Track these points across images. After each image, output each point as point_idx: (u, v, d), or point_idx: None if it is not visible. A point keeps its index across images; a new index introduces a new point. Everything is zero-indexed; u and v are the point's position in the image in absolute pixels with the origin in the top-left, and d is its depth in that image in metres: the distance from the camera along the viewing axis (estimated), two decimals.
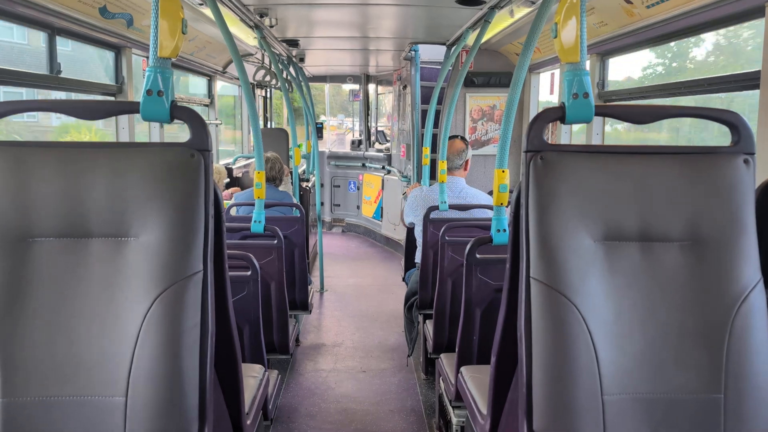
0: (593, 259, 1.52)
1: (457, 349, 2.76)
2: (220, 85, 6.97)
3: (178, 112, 1.61)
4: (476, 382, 2.36)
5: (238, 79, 7.27)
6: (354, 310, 5.97)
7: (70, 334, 1.47)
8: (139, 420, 1.44)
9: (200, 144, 1.56)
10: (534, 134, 1.58)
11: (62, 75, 3.42)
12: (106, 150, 1.57)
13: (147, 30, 3.97)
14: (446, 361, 3.02)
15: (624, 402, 1.49)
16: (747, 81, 2.87)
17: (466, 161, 4.10)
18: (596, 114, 1.64)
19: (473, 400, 2.27)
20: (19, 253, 1.49)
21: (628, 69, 4.28)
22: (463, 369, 2.53)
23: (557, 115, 1.65)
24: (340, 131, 13.19)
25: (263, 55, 6.64)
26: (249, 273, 2.87)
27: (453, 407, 2.79)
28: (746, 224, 1.54)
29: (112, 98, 4.10)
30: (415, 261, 4.34)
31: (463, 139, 4.17)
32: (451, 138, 4.18)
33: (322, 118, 11.59)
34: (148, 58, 4.51)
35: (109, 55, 4.07)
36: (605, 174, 1.56)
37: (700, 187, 1.55)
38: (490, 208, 3.93)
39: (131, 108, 1.64)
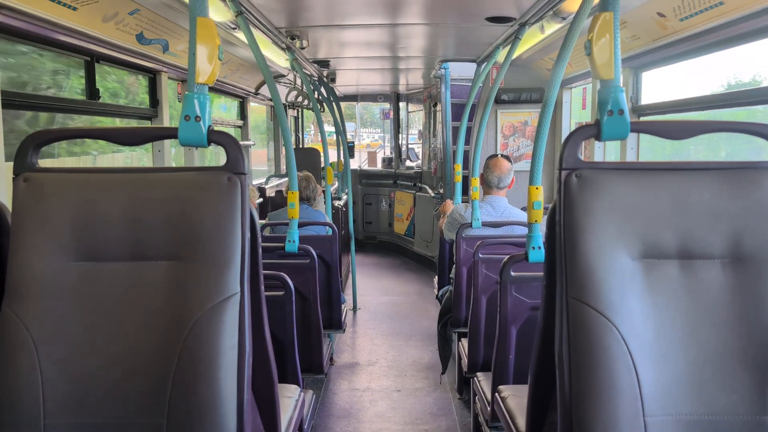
0: (632, 278, 1.49)
1: (492, 369, 2.73)
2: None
3: (215, 136, 1.64)
4: (513, 402, 2.33)
5: (270, 100, 7.36)
6: (387, 329, 5.95)
7: (113, 356, 1.50)
8: None
9: (236, 167, 1.59)
10: (569, 152, 1.57)
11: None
12: (144, 175, 1.61)
13: (182, 54, 4.06)
14: (482, 381, 2.99)
15: (666, 423, 1.46)
16: None
17: (511, 181, 4.07)
18: (631, 131, 1.62)
19: (511, 420, 2.24)
20: (63, 277, 1.52)
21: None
22: (499, 389, 2.50)
23: (592, 132, 1.63)
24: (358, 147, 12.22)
25: (295, 76, 6.72)
26: (283, 293, 2.89)
27: (490, 428, 2.75)
28: None
29: (149, 122, 4.19)
30: (450, 277, 4.31)
31: (507, 158, 4.12)
32: (493, 157, 4.11)
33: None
34: (182, 82, 4.61)
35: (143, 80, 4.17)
36: (643, 191, 1.53)
37: (741, 202, 1.52)
38: (523, 224, 3.89)
39: (169, 133, 1.67)
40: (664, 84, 4.11)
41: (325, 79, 6.73)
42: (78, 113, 3.49)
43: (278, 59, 5.62)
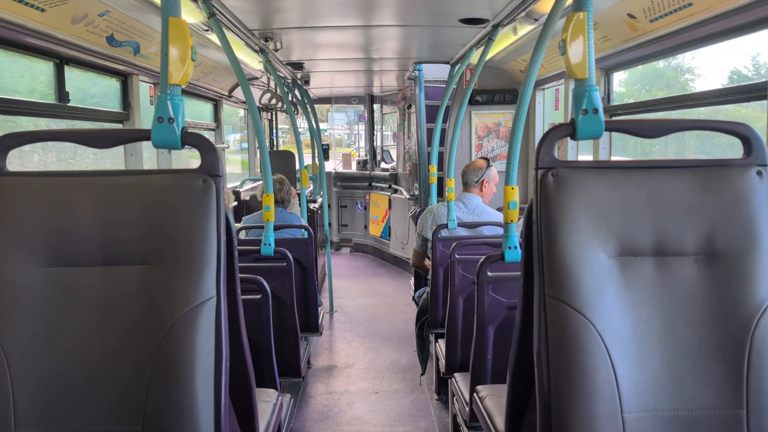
0: (608, 275, 1.50)
1: (470, 369, 2.74)
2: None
3: (189, 138, 1.62)
4: (492, 401, 2.34)
5: (244, 102, 7.31)
6: (364, 331, 5.94)
7: (86, 363, 1.46)
8: None
9: (211, 169, 1.56)
10: (545, 151, 1.57)
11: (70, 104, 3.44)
12: (117, 178, 1.58)
13: (153, 57, 4.01)
14: (460, 381, 2.99)
15: (644, 420, 1.47)
16: (754, 92, 2.86)
17: (483, 181, 4.09)
18: (606, 129, 1.63)
19: (490, 420, 2.24)
20: (34, 284, 1.49)
21: None
22: (478, 389, 2.51)
23: (567, 131, 1.64)
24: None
25: (269, 78, 6.69)
26: (260, 296, 2.86)
27: (468, 428, 2.75)
28: (762, 236, 1.52)
29: (120, 125, 4.13)
30: (428, 278, 4.33)
31: (486, 159, 4.18)
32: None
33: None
34: (154, 85, 4.56)
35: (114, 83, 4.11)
36: (618, 189, 1.55)
37: (714, 200, 1.54)
38: (499, 225, 3.92)
39: (142, 135, 1.65)
40: None
41: (299, 82, 6.70)
42: (47, 116, 3.42)
43: (251, 61, 5.59)
